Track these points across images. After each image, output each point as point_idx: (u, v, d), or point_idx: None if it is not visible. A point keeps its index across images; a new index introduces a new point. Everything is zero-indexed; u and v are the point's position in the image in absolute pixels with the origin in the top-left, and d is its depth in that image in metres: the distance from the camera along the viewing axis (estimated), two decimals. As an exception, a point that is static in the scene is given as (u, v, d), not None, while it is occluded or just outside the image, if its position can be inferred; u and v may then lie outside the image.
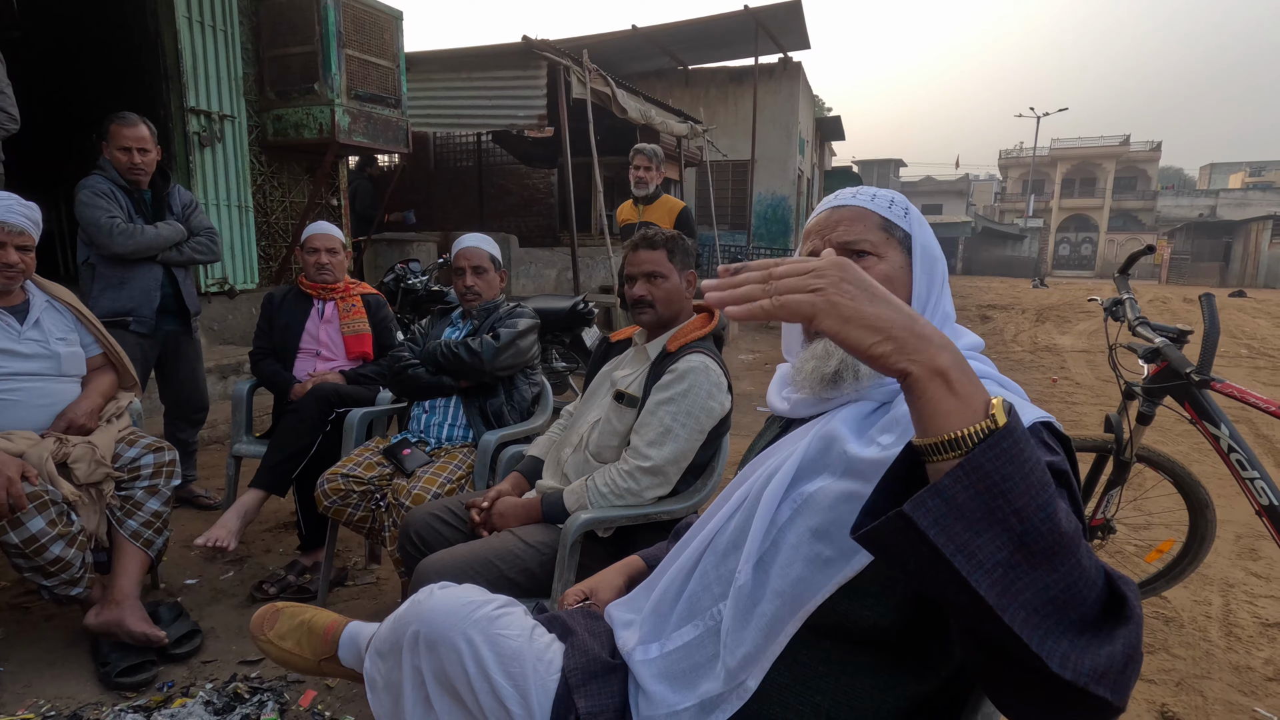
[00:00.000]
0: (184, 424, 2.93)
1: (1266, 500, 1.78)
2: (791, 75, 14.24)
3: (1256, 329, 10.88)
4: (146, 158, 2.60)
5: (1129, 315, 2.11)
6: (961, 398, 0.53)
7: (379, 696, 0.98)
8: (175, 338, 2.81)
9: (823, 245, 0.89)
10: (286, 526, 2.79)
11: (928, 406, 0.53)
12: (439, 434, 2.16)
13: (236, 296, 4.79)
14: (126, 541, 1.88)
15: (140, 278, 2.62)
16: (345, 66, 4.84)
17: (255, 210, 4.97)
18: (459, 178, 11.93)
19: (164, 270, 2.69)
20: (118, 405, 2.03)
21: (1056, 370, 6.89)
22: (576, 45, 9.51)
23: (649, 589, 1.01)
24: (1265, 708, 1.84)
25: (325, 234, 2.59)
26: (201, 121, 4.50)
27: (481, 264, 2.21)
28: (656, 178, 3.89)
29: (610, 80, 7.08)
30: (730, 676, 0.80)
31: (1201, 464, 3.50)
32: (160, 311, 2.70)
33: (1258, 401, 1.83)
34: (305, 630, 1.26)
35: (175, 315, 2.78)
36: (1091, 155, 42.63)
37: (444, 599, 0.93)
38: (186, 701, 1.70)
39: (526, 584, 1.49)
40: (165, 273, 2.70)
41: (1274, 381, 6.48)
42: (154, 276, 2.66)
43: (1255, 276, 28.59)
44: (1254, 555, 2.74)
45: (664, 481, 1.56)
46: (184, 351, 2.86)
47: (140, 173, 2.60)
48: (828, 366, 0.85)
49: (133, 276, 2.61)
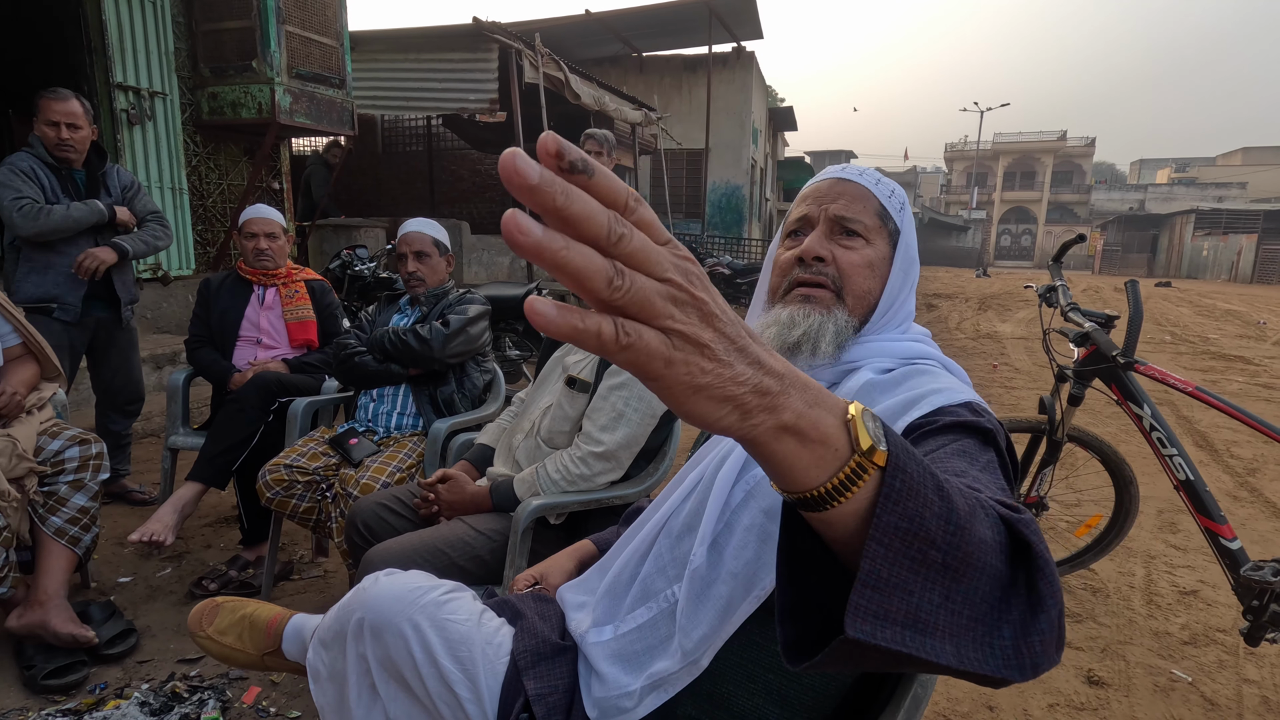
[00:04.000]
0: (116, 415, 2.80)
1: (1183, 476, 1.89)
2: (745, 64, 14.32)
3: (1179, 317, 11.53)
4: (77, 134, 2.46)
5: (1061, 301, 2.20)
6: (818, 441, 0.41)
7: (323, 687, 0.96)
8: (106, 325, 2.67)
9: (819, 213, 0.89)
10: (227, 521, 2.70)
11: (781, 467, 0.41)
12: (388, 423, 2.11)
13: (171, 283, 4.58)
14: (50, 539, 1.79)
15: (66, 262, 2.48)
16: (285, 43, 4.65)
17: (191, 193, 4.75)
18: (408, 162, 11.63)
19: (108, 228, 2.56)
20: (40, 396, 1.92)
21: (997, 356, 7.16)
22: (529, 29, 9.35)
23: (602, 571, 1.01)
24: (1181, 669, 1.96)
25: (264, 218, 2.49)
26: (130, 98, 4.27)
27: (424, 249, 2.16)
28: (608, 163, 3.87)
29: (563, 65, 7.00)
30: (685, 656, 0.81)
31: (1128, 444, 3.69)
32: (90, 298, 2.56)
33: (1176, 382, 1.94)
34: (247, 625, 1.22)
35: (105, 302, 2.64)
36: (1031, 149, 44.25)
37: (390, 585, 0.92)
38: (120, 703, 1.63)
39: (477, 571, 1.48)
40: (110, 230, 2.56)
41: (1194, 365, 6.88)
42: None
43: (1179, 267, 30.25)
44: (1173, 528, 2.91)
45: (616, 466, 1.56)
46: (116, 340, 2.72)
47: (69, 149, 2.46)
48: (790, 335, 0.85)
49: (58, 261, 2.47)
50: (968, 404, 0.75)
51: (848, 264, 0.88)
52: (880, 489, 0.41)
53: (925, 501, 0.42)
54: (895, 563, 0.42)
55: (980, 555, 0.44)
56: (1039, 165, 44.15)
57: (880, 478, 0.41)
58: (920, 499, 0.42)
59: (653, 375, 0.36)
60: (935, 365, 0.86)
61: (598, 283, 0.33)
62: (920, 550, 0.42)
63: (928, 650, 0.42)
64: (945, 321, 10.22)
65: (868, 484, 0.41)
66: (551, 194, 0.32)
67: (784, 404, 0.39)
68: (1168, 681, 1.91)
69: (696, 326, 0.36)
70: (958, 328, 9.56)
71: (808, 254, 0.88)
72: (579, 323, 0.33)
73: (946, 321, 10.23)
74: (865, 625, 0.41)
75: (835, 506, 0.41)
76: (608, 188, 0.34)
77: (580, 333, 0.34)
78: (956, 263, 36.28)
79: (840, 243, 0.88)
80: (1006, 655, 0.45)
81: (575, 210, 0.33)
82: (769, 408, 0.39)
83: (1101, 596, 2.36)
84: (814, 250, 0.88)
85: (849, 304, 0.88)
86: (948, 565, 0.43)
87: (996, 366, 6.56)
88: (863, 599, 0.41)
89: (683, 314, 0.36)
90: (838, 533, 0.43)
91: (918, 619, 0.43)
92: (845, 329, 0.86)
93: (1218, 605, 2.30)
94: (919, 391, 0.78)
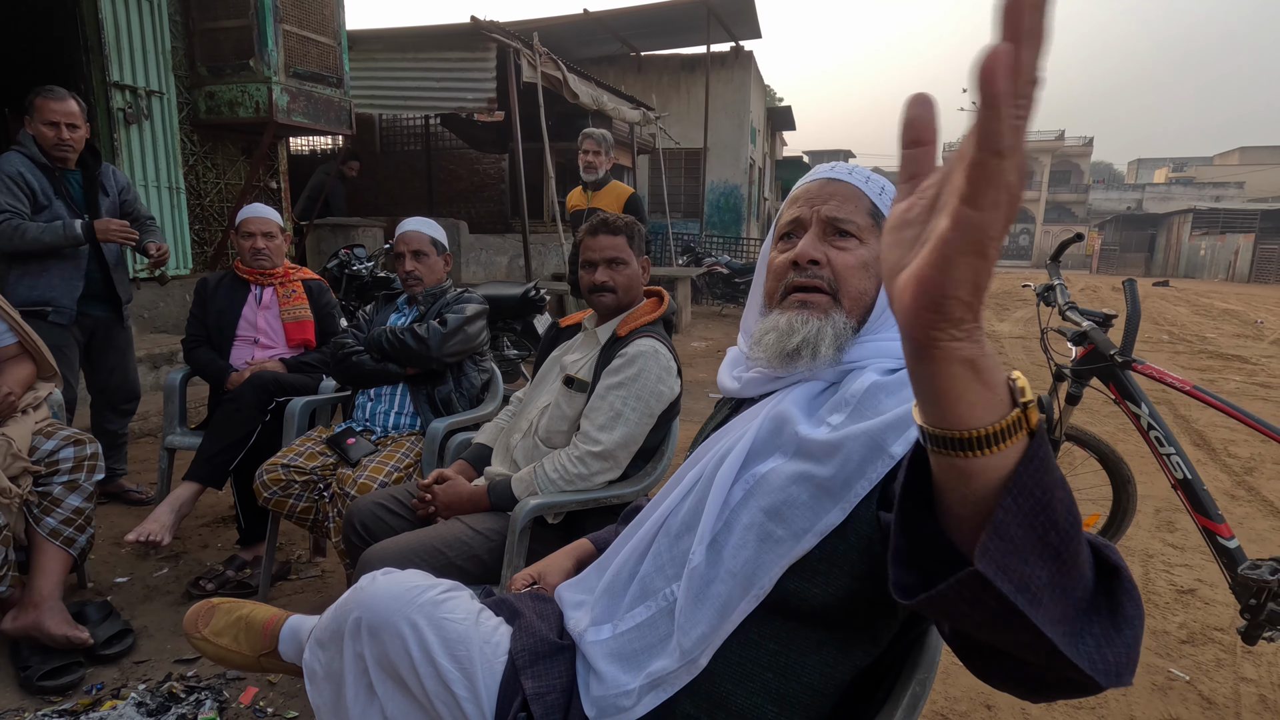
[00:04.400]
0: (112, 414, 2.79)
1: (1181, 474, 1.89)
2: (743, 64, 14.31)
3: (1177, 316, 11.54)
4: (76, 134, 2.44)
5: (1059, 300, 2.20)
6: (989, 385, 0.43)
7: (319, 687, 0.96)
8: (105, 325, 2.66)
9: (811, 214, 0.89)
10: (225, 521, 2.70)
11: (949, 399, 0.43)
12: (385, 422, 2.11)
13: (168, 283, 4.57)
14: (45, 540, 1.78)
15: (63, 265, 2.46)
16: (283, 42, 4.64)
17: (188, 192, 4.73)
18: (406, 162, 11.61)
19: (92, 256, 2.53)
20: (35, 396, 1.92)
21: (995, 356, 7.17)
22: (526, 28, 9.33)
23: (600, 570, 1.01)
24: (1179, 668, 1.96)
25: (261, 217, 2.48)
26: (126, 97, 4.26)
27: (421, 248, 2.16)
28: (605, 163, 3.87)
29: (561, 64, 6.99)
30: (684, 655, 0.81)
31: (1125, 443, 3.70)
32: (87, 297, 2.54)
33: (1173, 381, 1.94)
34: (243, 626, 1.22)
35: (104, 301, 2.62)
36: (1029, 149, 44.22)
37: (387, 584, 0.92)
38: (117, 704, 1.63)
39: (475, 571, 1.48)
40: (94, 258, 2.54)
41: (1192, 365, 6.89)
42: (77, 264, 2.49)
43: (1176, 267, 30.29)
44: (1171, 527, 2.91)
45: (614, 466, 1.56)
46: (114, 339, 2.71)
47: (68, 149, 2.44)
48: (789, 343, 0.85)
49: (54, 264, 2.45)
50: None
51: (842, 265, 0.87)
52: (1026, 451, 0.44)
53: (1056, 482, 0.45)
54: (1022, 525, 0.44)
55: (1083, 559, 0.47)
56: (1037, 165, 44.18)
57: (1028, 443, 0.44)
58: (1054, 477, 0.45)
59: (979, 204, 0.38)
60: None
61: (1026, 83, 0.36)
62: (1043, 527, 0.44)
63: (1038, 619, 0.45)
64: (943, 321, 10.21)
65: (1018, 443, 0.44)
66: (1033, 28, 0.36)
67: (981, 338, 0.43)
68: (1165, 680, 1.91)
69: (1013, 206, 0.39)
70: (956, 327, 9.56)
71: (802, 258, 0.88)
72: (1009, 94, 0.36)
73: (944, 321, 10.22)
74: (990, 567, 0.44)
75: (985, 455, 0.44)
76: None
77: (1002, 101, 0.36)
78: (954, 262, 36.21)
79: (834, 244, 0.88)
80: (1093, 658, 0.47)
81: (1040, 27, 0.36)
82: (972, 334, 0.43)
83: (1099, 595, 2.36)
84: (808, 254, 0.87)
85: (846, 305, 0.87)
86: (1060, 554, 0.45)
87: (994, 366, 6.57)
88: (991, 544, 0.44)
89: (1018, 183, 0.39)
90: (972, 486, 0.46)
91: (1028, 586, 0.45)
92: (844, 331, 0.86)
93: (1215, 604, 2.31)
94: None
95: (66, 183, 2.50)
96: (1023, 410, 0.44)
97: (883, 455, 0.74)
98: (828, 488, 0.76)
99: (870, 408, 0.80)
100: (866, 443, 0.75)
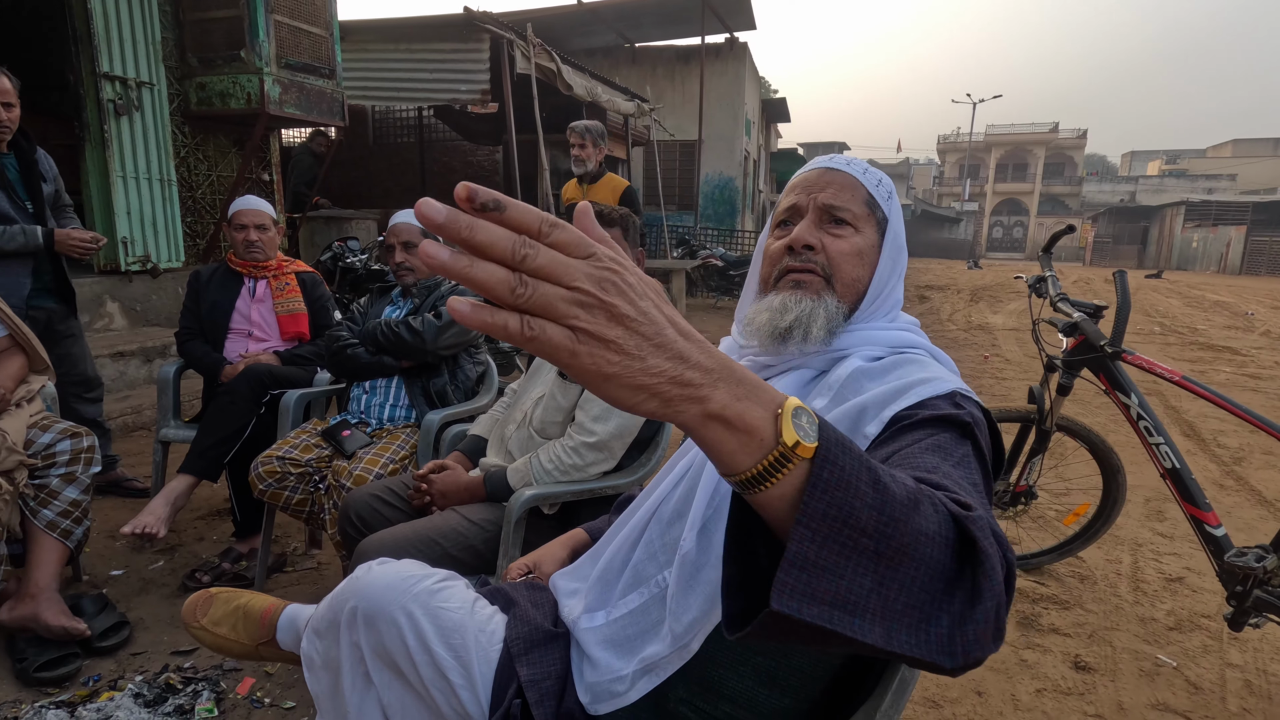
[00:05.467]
0: (81, 403, 2.68)
1: (1169, 464, 1.91)
2: (738, 56, 14.25)
3: (1169, 308, 11.61)
4: (11, 114, 2.28)
5: (1051, 291, 2.22)
6: (744, 431, 0.44)
7: (317, 676, 0.97)
8: (59, 317, 2.54)
9: (808, 202, 0.90)
10: (220, 514, 2.70)
11: (712, 450, 0.45)
12: (380, 415, 2.11)
13: (160, 276, 4.55)
14: (42, 532, 1.79)
15: (7, 264, 2.34)
16: (274, 33, 4.60)
17: (180, 184, 4.70)
18: (400, 154, 11.54)
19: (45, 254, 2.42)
20: (29, 389, 1.91)
21: (989, 348, 7.20)
22: (520, 18, 9.28)
23: (594, 559, 1.02)
24: (1166, 654, 1.99)
25: (254, 209, 2.47)
26: (117, 88, 4.22)
27: (412, 239, 2.15)
28: (595, 155, 3.85)
29: (555, 56, 6.96)
30: (676, 640, 0.82)
31: (1116, 434, 3.73)
32: (37, 290, 2.44)
33: (1163, 371, 1.96)
34: (241, 615, 1.23)
35: (53, 294, 2.51)
36: (1024, 141, 44.36)
37: (383, 574, 0.92)
38: (114, 694, 1.64)
39: (470, 561, 1.48)
40: (48, 256, 2.43)
41: (1183, 356, 6.94)
42: (24, 262, 2.38)
43: (1169, 259, 30.42)
44: (1160, 516, 2.95)
45: (609, 457, 1.57)
46: (68, 331, 2.59)
47: (3, 131, 2.30)
48: (782, 321, 0.86)
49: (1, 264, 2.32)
50: (951, 395, 0.76)
51: (837, 252, 0.88)
52: (808, 479, 0.44)
53: (856, 493, 0.45)
54: (824, 546, 0.45)
55: (918, 547, 0.47)
56: (1031, 157, 44.27)
57: (809, 469, 0.45)
58: (851, 490, 0.45)
59: (562, 363, 0.41)
60: (924, 354, 0.87)
61: (501, 291, 0.39)
62: (851, 537, 0.45)
63: (854, 629, 0.46)
64: (937, 313, 10.26)
65: (793, 473, 0.45)
66: (457, 228, 0.39)
67: (710, 395, 0.43)
68: (1153, 666, 1.94)
69: (603, 325, 0.41)
70: (949, 319, 9.60)
71: (797, 242, 0.89)
72: (489, 317, 0.39)
73: (938, 313, 10.27)
74: (791, 601, 0.44)
75: (764, 490, 0.45)
76: (519, 218, 0.41)
77: (490, 325, 0.40)
78: (949, 254, 36.40)
79: (829, 231, 0.89)
80: (940, 642, 0.47)
81: (480, 239, 0.39)
82: (693, 398, 0.43)
83: (1089, 584, 2.39)
84: (803, 238, 0.88)
85: (839, 290, 0.89)
86: (881, 553, 0.46)
87: (988, 358, 6.60)
88: (789, 577, 0.44)
89: (589, 315, 0.41)
90: (771, 514, 0.47)
91: (847, 600, 0.45)
92: (836, 315, 0.87)
93: (1203, 591, 2.34)
94: (906, 381, 0.79)
95: (3, 168, 2.36)
96: (786, 447, 0.44)
97: (858, 436, 0.76)
98: None
99: (851, 391, 0.81)
100: (845, 425, 0.77)
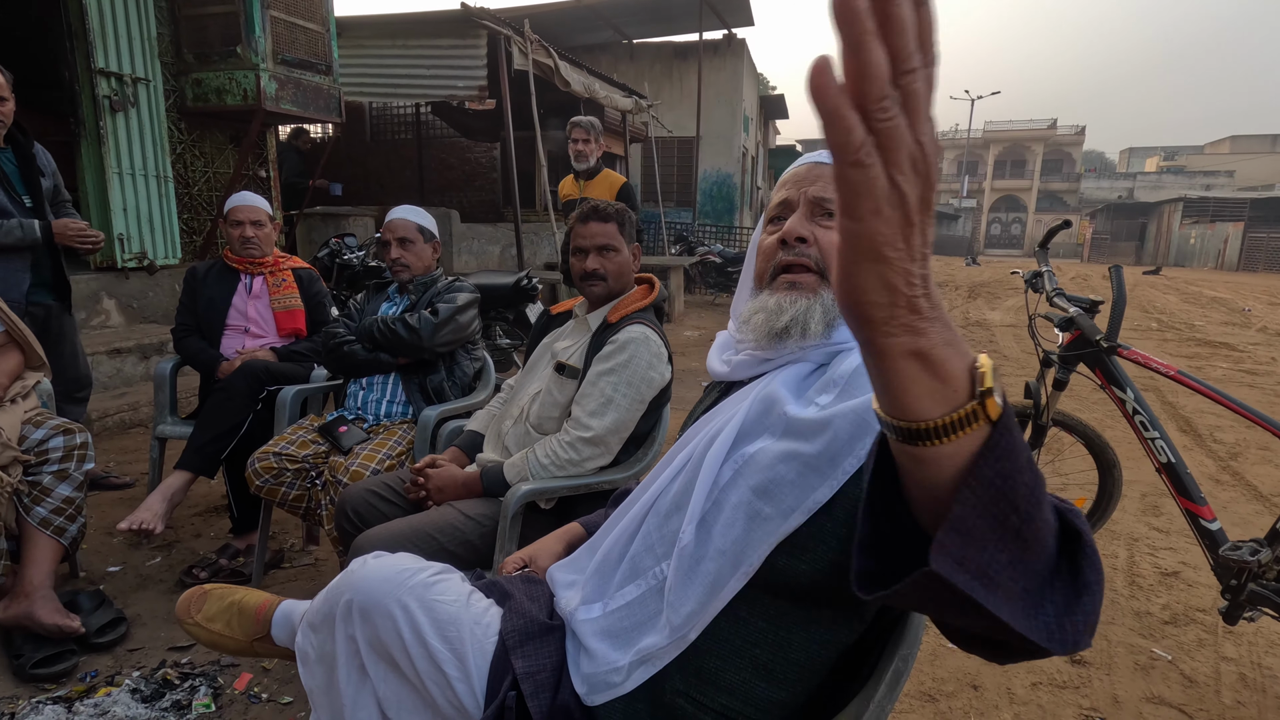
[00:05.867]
0: (67, 404, 2.64)
1: (1165, 458, 1.91)
2: (736, 52, 14.23)
3: (1166, 304, 11.63)
4: (4, 107, 2.26)
5: (1047, 287, 2.22)
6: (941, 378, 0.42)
7: (311, 670, 0.97)
8: (55, 314, 2.53)
9: (799, 195, 0.90)
10: (217, 510, 2.70)
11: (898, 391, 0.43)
12: (377, 410, 2.11)
13: (157, 272, 4.54)
14: (35, 530, 1.78)
15: (7, 259, 2.32)
16: (270, 29, 4.59)
17: (176, 181, 4.69)
18: (397, 150, 11.51)
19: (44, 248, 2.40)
20: (24, 385, 1.91)
21: (986, 344, 7.21)
22: (518, 14, 9.26)
23: (591, 551, 1.02)
24: (1161, 648, 2.00)
25: (250, 205, 2.47)
26: (112, 84, 4.20)
27: (408, 235, 2.15)
28: (596, 150, 3.85)
29: (553, 52, 6.94)
30: (673, 632, 0.83)
31: (1112, 429, 3.73)
32: (36, 286, 2.42)
33: (1158, 366, 1.96)
34: (235, 611, 1.23)
35: (50, 289, 2.49)
36: (1021, 138, 44.35)
37: (378, 567, 0.92)
38: (111, 690, 1.64)
39: (467, 556, 1.49)
40: (46, 251, 2.41)
41: (1180, 352, 6.95)
42: (22, 260, 2.36)
43: (1167, 255, 30.47)
44: (1156, 511, 2.95)
45: (605, 452, 1.57)
46: (65, 328, 2.58)
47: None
48: (778, 322, 0.86)
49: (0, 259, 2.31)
50: None
51: (829, 244, 0.88)
52: (986, 442, 0.43)
53: (1020, 467, 0.44)
54: (981, 515, 0.44)
55: (1044, 534, 0.47)
56: (1029, 154, 44.26)
57: (989, 432, 0.43)
58: (1017, 463, 0.44)
59: (855, 215, 0.37)
60: None
61: (876, 86, 0.34)
62: (1003, 513, 0.44)
63: (993, 604, 0.45)
64: (935, 309, 10.25)
65: (975, 433, 0.43)
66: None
67: (926, 330, 0.41)
68: (1148, 660, 1.94)
69: (914, 201, 0.37)
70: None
71: (789, 235, 0.88)
72: (844, 107, 0.34)
73: (936, 309, 10.26)
74: (946, 564, 0.44)
75: (938, 444, 0.43)
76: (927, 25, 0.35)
77: (838, 115, 0.35)
78: (947, 251, 36.41)
79: (821, 224, 0.89)
80: (1050, 629, 0.47)
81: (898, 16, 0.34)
82: (913, 328, 0.41)
83: (1085, 578, 2.39)
84: (796, 231, 0.88)
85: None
86: (1021, 535, 0.45)
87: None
88: (948, 540, 0.43)
89: (912, 179, 0.37)
90: (930, 473, 0.45)
91: (986, 574, 0.45)
92: (833, 308, 0.87)
93: (1198, 586, 2.34)
94: None
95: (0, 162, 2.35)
96: (979, 402, 0.43)
97: (870, 431, 0.75)
98: (815, 465, 0.77)
99: (859, 387, 0.81)
100: (854, 420, 0.76)
